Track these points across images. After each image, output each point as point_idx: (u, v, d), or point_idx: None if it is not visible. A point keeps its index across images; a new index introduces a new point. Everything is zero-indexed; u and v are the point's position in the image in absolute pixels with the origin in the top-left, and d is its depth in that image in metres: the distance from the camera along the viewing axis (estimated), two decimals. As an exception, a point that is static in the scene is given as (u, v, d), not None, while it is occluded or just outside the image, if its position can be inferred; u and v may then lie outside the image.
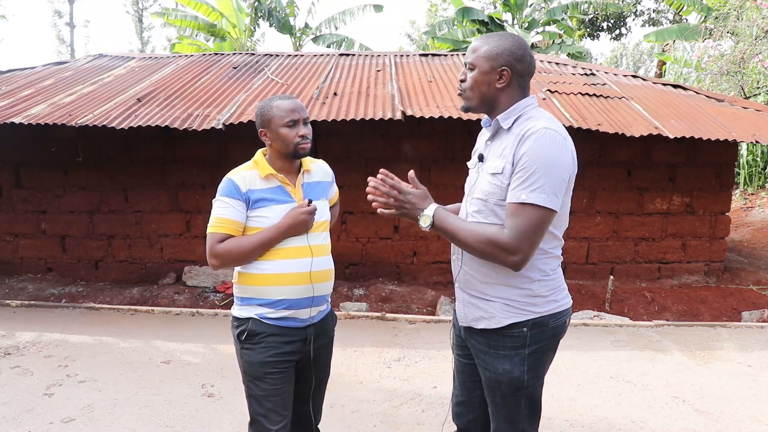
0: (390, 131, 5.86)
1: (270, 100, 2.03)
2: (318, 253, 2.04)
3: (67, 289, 5.86)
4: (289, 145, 1.98)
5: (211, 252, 1.96)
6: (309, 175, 2.11)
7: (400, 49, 21.64)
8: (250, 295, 2.01)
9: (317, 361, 2.11)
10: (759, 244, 7.87)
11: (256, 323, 1.99)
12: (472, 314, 1.83)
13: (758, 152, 10.76)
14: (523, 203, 1.61)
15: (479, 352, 1.84)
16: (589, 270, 6.17)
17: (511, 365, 1.76)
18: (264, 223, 1.97)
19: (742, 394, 3.50)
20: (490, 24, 15.12)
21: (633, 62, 32.68)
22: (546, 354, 1.81)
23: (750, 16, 9.40)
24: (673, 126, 5.23)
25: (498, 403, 1.82)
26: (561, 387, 3.57)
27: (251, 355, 1.99)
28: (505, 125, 1.74)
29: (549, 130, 1.64)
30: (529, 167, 1.61)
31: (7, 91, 5.83)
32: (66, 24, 26.95)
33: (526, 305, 1.75)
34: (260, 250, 1.96)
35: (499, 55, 1.71)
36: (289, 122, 1.97)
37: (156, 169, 6.08)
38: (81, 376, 3.68)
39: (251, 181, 1.98)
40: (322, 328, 2.10)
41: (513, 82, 1.74)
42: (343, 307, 5.19)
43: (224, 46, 14.06)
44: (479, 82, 1.74)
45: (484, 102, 1.77)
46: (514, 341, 1.76)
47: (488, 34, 1.80)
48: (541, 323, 1.76)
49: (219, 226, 1.96)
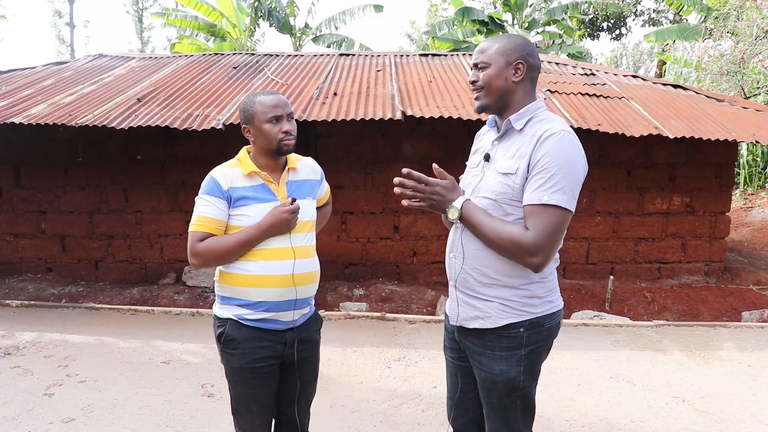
0: (390, 131, 5.86)
1: (253, 96, 1.99)
2: (301, 254, 1.98)
3: (67, 289, 5.86)
4: (272, 141, 1.93)
5: (191, 251, 1.93)
6: (295, 173, 2.05)
7: (400, 49, 21.64)
8: (230, 294, 1.97)
9: (302, 365, 2.05)
10: (759, 244, 7.87)
11: (234, 326, 1.96)
12: (466, 313, 1.82)
13: (758, 152, 10.75)
14: (545, 204, 1.62)
15: (474, 353, 1.84)
16: (589, 270, 6.17)
17: (507, 366, 1.76)
18: (246, 221, 1.92)
19: (742, 394, 3.50)
20: (490, 24, 15.12)
21: (633, 62, 32.67)
22: (541, 355, 1.82)
23: (750, 16, 9.40)
24: (673, 126, 5.23)
25: (494, 404, 1.82)
26: (561, 387, 3.57)
27: (230, 360, 1.99)
28: (517, 126, 1.75)
29: (567, 133, 1.68)
30: (550, 168, 1.63)
31: (7, 91, 5.83)
32: (66, 24, 26.95)
33: (524, 306, 1.76)
34: (241, 250, 1.92)
35: (513, 50, 1.74)
36: (272, 118, 1.93)
37: (156, 169, 6.08)
38: (81, 376, 3.68)
39: (233, 178, 1.94)
40: (305, 331, 2.04)
41: (527, 75, 1.76)
42: (343, 307, 5.19)
43: (224, 46, 14.06)
44: (495, 77, 1.74)
45: (500, 98, 1.76)
46: (510, 342, 1.76)
47: (494, 36, 1.82)
48: (538, 324, 1.77)
49: (200, 225, 1.92)
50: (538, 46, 14.90)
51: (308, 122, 5.00)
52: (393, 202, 6.06)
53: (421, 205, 1.76)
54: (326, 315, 4.91)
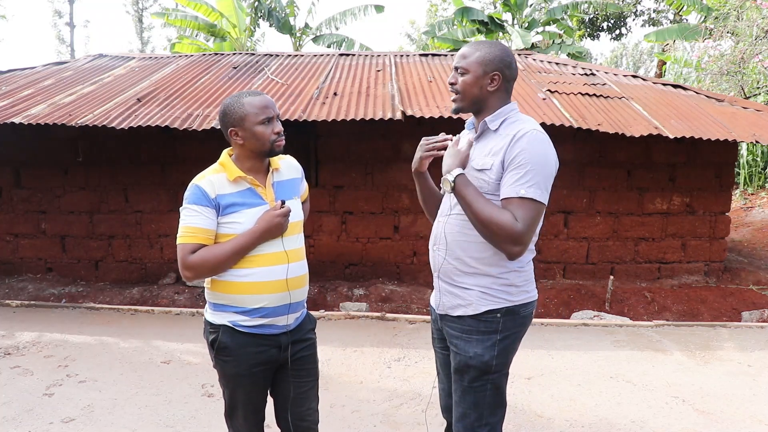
0: (390, 131, 5.86)
1: (238, 97, 1.91)
2: (294, 258, 1.96)
3: (67, 289, 5.86)
4: (265, 143, 1.89)
5: (183, 264, 1.85)
6: (278, 173, 2.01)
7: (400, 49, 21.62)
8: (225, 302, 1.93)
9: (300, 366, 2.03)
10: (759, 244, 7.87)
11: (227, 333, 1.92)
12: (450, 302, 1.94)
13: (758, 152, 10.75)
14: (522, 198, 1.74)
15: (452, 337, 1.94)
16: (589, 270, 6.17)
17: (482, 349, 1.87)
18: (237, 228, 1.87)
19: (742, 394, 3.50)
20: (490, 24, 15.11)
21: (633, 62, 32.67)
22: (514, 342, 1.93)
23: (750, 16, 9.40)
24: (673, 126, 5.23)
25: (465, 387, 1.91)
26: (561, 387, 3.57)
27: (225, 367, 1.97)
28: (492, 126, 1.89)
29: (539, 132, 1.81)
30: (525, 164, 1.75)
31: (7, 91, 5.83)
32: (66, 24, 26.93)
33: (502, 293, 1.87)
34: (235, 258, 1.87)
35: (492, 62, 1.86)
36: (264, 119, 1.88)
37: (156, 169, 6.08)
38: (81, 376, 3.68)
39: (219, 185, 1.88)
40: (299, 334, 2.03)
41: (502, 86, 1.89)
42: (343, 307, 5.19)
43: (224, 46, 14.05)
44: (472, 85, 1.87)
45: (474, 104, 1.91)
46: (487, 326, 1.88)
47: (477, 41, 1.94)
48: (513, 311, 1.89)
49: (189, 236, 1.85)
50: (537, 47, 14.89)
51: (308, 122, 5.00)
52: (393, 202, 6.07)
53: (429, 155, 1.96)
54: (326, 315, 4.91)
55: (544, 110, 5.24)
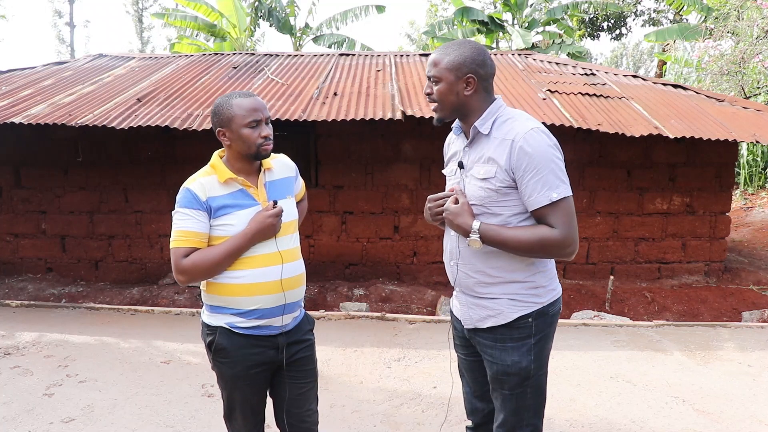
0: (390, 131, 5.86)
1: (228, 98, 1.89)
2: (288, 258, 1.95)
3: (67, 289, 5.86)
4: (251, 146, 1.87)
5: (176, 268, 1.85)
6: (270, 173, 1.99)
7: (400, 49, 21.62)
8: (221, 304, 1.93)
9: (298, 367, 2.02)
10: (759, 244, 7.87)
11: (224, 335, 1.93)
12: (477, 315, 1.87)
13: (758, 152, 10.75)
14: (555, 202, 1.71)
15: (485, 347, 1.89)
16: (589, 270, 6.17)
17: (519, 356, 1.83)
18: (230, 231, 1.86)
19: (742, 394, 3.50)
20: (490, 24, 15.11)
21: (633, 62, 32.68)
22: (548, 342, 1.89)
23: (750, 16, 9.40)
24: (673, 126, 5.23)
25: (506, 395, 1.86)
26: (561, 387, 3.57)
27: (222, 368, 1.97)
28: (483, 130, 1.80)
29: (533, 130, 1.74)
30: (539, 169, 1.70)
31: (7, 91, 5.83)
32: (66, 24, 26.97)
33: (530, 296, 1.83)
34: (228, 260, 1.86)
35: (463, 65, 1.75)
36: (252, 122, 1.85)
37: (156, 169, 6.08)
38: (81, 376, 3.68)
39: (210, 187, 1.87)
40: (297, 334, 2.02)
41: (479, 87, 1.79)
42: (343, 307, 5.19)
43: (224, 46, 14.05)
44: (447, 93, 1.78)
45: (455, 111, 1.82)
46: (520, 332, 1.83)
47: (445, 44, 1.83)
48: (544, 312, 1.85)
49: (182, 240, 1.84)
50: (537, 47, 14.89)
51: (308, 122, 5.00)
52: (393, 202, 6.07)
53: (438, 219, 1.88)
54: (326, 315, 4.91)
55: (544, 110, 5.24)
